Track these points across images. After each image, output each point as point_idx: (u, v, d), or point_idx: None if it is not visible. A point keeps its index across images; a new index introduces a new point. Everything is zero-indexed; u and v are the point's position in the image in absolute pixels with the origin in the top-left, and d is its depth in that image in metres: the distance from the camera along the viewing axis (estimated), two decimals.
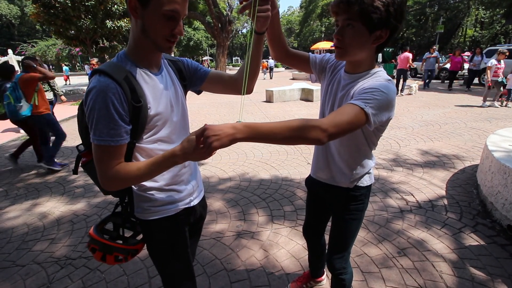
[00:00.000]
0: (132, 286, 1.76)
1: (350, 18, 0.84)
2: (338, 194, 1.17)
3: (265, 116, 6.84)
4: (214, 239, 2.20)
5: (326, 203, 1.31)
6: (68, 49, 25.47)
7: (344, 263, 1.28)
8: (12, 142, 5.30)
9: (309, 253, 1.62)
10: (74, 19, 9.71)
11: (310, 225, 1.47)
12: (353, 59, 0.93)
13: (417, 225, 2.30)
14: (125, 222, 0.95)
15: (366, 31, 0.85)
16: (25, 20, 36.37)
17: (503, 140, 2.85)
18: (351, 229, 1.21)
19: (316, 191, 1.33)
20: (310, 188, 1.37)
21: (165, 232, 0.96)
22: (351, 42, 0.87)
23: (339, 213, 1.20)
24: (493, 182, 2.40)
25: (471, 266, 1.83)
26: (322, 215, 1.40)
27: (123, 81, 0.75)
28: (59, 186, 3.30)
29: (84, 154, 0.89)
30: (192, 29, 29.18)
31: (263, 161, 3.84)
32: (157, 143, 0.87)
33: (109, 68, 0.76)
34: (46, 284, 1.81)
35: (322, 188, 1.24)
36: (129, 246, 0.93)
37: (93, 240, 0.89)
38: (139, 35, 0.79)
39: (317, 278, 1.70)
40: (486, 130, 4.92)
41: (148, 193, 0.91)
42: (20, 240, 2.30)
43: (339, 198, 1.17)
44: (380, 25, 0.83)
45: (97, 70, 0.76)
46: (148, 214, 0.93)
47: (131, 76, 0.79)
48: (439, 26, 21.93)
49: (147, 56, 0.83)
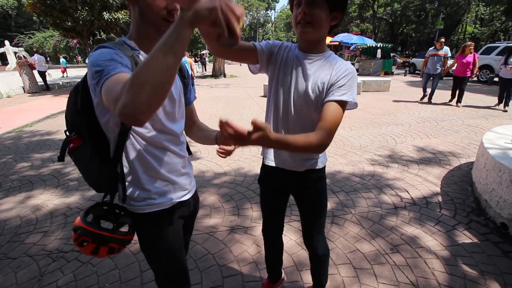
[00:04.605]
0: (124, 280, 1.75)
1: None
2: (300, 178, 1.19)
3: (262, 111, 6.80)
4: (207, 233, 2.19)
5: (286, 192, 1.33)
6: (66, 41, 25.16)
7: (324, 242, 1.36)
8: (8, 134, 5.26)
9: (269, 255, 1.54)
10: (70, 10, 9.53)
11: (273, 223, 1.43)
12: (315, 36, 0.98)
13: (411, 221, 2.30)
14: (108, 214, 0.91)
15: (328, 9, 0.91)
16: (22, 11, 35.75)
17: (499, 137, 2.84)
18: (323, 207, 1.29)
19: (274, 184, 1.30)
20: (267, 183, 1.33)
21: (159, 226, 0.94)
22: (316, 17, 0.91)
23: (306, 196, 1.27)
24: (487, 180, 2.40)
25: (464, 264, 1.84)
26: (283, 208, 1.40)
27: (130, 57, 0.77)
28: (53, 178, 3.27)
29: (72, 139, 0.85)
30: None
31: (259, 156, 3.80)
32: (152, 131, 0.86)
33: (115, 44, 0.78)
34: (37, 277, 1.80)
35: (281, 177, 1.22)
36: (123, 236, 0.89)
37: (85, 231, 0.82)
38: (139, 22, 0.81)
39: (278, 282, 1.65)
40: (483, 127, 4.92)
41: (142, 184, 0.89)
42: (12, 232, 2.29)
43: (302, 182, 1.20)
44: (338, 6, 0.93)
45: (102, 45, 0.75)
46: (141, 207, 0.90)
47: (136, 56, 0.81)
48: (439, 22, 21.78)
49: (148, 43, 0.84)
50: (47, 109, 7.41)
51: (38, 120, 6.25)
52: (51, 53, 29.78)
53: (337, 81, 0.95)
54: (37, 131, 5.46)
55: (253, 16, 47.54)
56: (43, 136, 5.07)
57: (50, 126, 5.79)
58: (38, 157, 4.00)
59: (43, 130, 5.52)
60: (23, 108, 7.80)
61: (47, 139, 4.90)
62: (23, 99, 9.35)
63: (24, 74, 10.37)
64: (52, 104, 8.26)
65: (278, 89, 1.07)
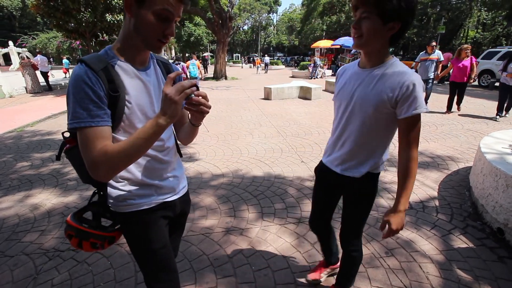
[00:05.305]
0: (118, 279, 1.76)
1: (367, 11, 0.97)
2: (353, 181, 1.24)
3: (262, 113, 6.82)
4: (203, 234, 2.20)
5: (337, 189, 1.37)
6: (69, 42, 25.33)
7: (358, 241, 1.37)
8: (9, 133, 5.29)
9: (321, 244, 1.68)
10: (73, 12, 9.61)
11: (319, 215, 1.51)
12: (370, 48, 1.05)
13: (407, 225, 2.30)
14: (105, 211, 0.95)
15: (381, 21, 0.97)
16: (26, 12, 36.11)
17: (496, 142, 2.84)
18: (365, 211, 1.30)
19: (327, 179, 1.38)
20: (321, 176, 1.43)
21: (140, 225, 0.96)
22: (367, 31, 0.98)
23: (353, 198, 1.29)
24: (484, 184, 2.40)
25: (458, 268, 1.84)
26: (332, 202, 1.45)
27: (101, 71, 0.78)
28: (52, 178, 3.30)
29: (68, 141, 0.89)
30: (193, 25, 28.98)
31: (257, 158, 3.84)
32: None
33: (90, 58, 0.79)
34: (33, 275, 1.81)
35: (334, 176, 1.30)
36: (104, 232, 0.93)
37: (69, 226, 0.90)
38: (131, 32, 0.81)
39: (333, 266, 1.74)
40: (483, 132, 4.91)
41: (121, 186, 0.92)
42: (10, 231, 2.30)
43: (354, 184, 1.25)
44: (392, 17, 0.96)
45: (79, 60, 0.79)
46: (122, 207, 0.93)
47: (111, 67, 0.81)
48: (441, 27, 21.80)
49: (132, 52, 0.85)
50: (48, 109, 7.46)
51: (39, 120, 6.30)
52: (54, 54, 29.98)
53: (403, 97, 1.01)
54: (38, 131, 5.50)
55: (255, 19, 47.74)
56: (44, 136, 5.10)
57: (51, 126, 5.84)
58: (38, 156, 4.03)
59: (44, 130, 5.56)
60: (25, 108, 7.85)
61: (48, 139, 4.93)
62: (25, 99, 9.42)
63: (27, 74, 10.46)
64: (54, 104, 8.31)
65: (341, 102, 1.20)
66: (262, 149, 4.21)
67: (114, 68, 0.81)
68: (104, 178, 0.78)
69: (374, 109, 1.06)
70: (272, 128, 5.46)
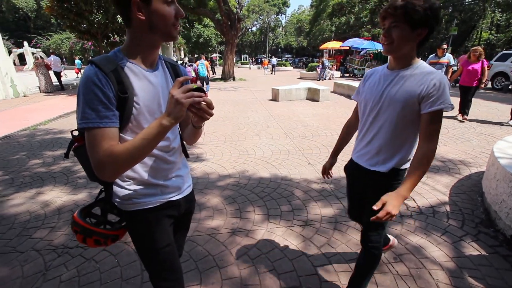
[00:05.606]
0: (125, 278, 1.78)
1: (395, 20, 1.07)
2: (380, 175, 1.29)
3: (269, 114, 6.81)
4: (208, 235, 2.21)
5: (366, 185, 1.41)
6: (81, 42, 25.92)
7: (379, 238, 1.38)
8: (22, 131, 5.43)
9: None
10: (86, 14, 9.84)
11: (355, 208, 1.57)
12: (399, 53, 1.14)
13: (416, 231, 2.25)
14: (112, 208, 0.96)
15: (409, 29, 1.07)
16: (41, 13, 37.11)
17: (510, 146, 2.75)
18: None
19: (355, 176, 1.45)
20: (350, 173, 1.51)
21: (144, 224, 0.97)
22: (398, 38, 1.09)
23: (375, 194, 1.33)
24: (497, 190, 2.33)
25: (470, 276, 1.78)
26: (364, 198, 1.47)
27: (111, 73, 0.79)
28: (63, 176, 3.36)
29: (77, 139, 0.91)
30: (202, 26, 29.22)
31: (264, 159, 3.83)
32: None
33: (100, 59, 0.80)
34: (42, 271, 1.85)
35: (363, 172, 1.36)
36: (107, 231, 0.95)
37: (75, 222, 0.92)
38: (144, 34, 0.83)
39: (384, 247, 1.77)
40: (496, 136, 4.78)
41: (127, 185, 0.93)
42: (21, 227, 2.36)
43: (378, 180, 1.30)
44: (420, 23, 1.06)
45: (89, 61, 0.80)
46: (127, 206, 0.94)
47: (120, 68, 0.82)
48: (453, 28, 21.32)
49: (141, 54, 0.86)
50: (61, 108, 7.64)
51: (52, 119, 6.45)
52: (67, 54, 30.71)
53: (430, 93, 1.07)
54: (50, 129, 5.63)
55: (264, 20, 47.81)
56: (56, 135, 5.22)
57: (63, 125, 5.97)
58: (50, 154, 4.12)
59: (56, 128, 5.69)
60: (38, 107, 8.06)
61: (60, 137, 5.04)
62: (38, 98, 9.67)
63: (41, 74, 10.74)
64: (66, 103, 8.51)
65: (370, 101, 1.27)
66: (269, 150, 4.20)
67: (123, 70, 0.82)
68: (110, 178, 0.80)
69: (402, 106, 1.14)
70: (279, 129, 5.44)
